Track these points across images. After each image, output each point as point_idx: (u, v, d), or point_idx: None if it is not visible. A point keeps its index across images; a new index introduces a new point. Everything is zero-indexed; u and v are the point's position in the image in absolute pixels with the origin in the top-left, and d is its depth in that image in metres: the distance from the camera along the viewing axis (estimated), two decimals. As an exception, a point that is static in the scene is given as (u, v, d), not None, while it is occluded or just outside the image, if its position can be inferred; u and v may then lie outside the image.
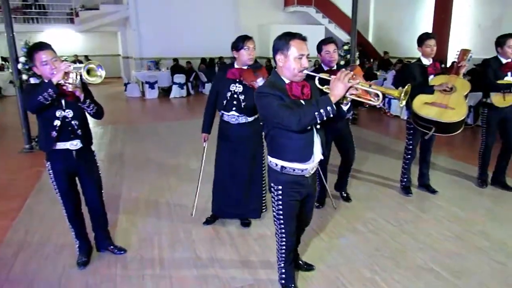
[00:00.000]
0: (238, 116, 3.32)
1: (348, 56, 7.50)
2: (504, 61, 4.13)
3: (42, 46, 2.57)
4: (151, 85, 12.00)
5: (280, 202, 2.34)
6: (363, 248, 3.24)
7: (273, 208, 2.41)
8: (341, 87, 2.00)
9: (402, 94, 2.01)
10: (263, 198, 3.67)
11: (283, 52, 2.15)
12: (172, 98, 12.03)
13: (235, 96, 3.27)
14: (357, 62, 4.26)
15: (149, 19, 13.47)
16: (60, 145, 2.67)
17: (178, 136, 7.09)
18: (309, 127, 2.17)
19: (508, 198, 4.28)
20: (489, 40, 11.80)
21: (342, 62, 7.11)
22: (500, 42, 4.14)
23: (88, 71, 2.51)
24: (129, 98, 12.12)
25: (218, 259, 3.08)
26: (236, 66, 3.31)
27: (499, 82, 4.11)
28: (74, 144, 2.71)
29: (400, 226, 3.64)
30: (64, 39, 15.60)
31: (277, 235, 2.48)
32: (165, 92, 12.55)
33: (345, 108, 2.17)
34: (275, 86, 2.17)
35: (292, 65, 2.14)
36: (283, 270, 2.60)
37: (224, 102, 3.30)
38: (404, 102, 2.05)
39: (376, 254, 3.16)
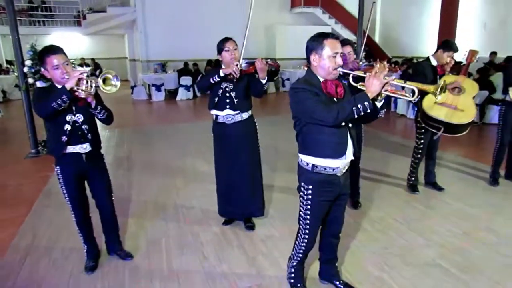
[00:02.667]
0: (233, 115, 3.32)
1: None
2: None
3: (54, 49, 2.57)
4: (158, 88, 12.04)
5: (310, 202, 2.32)
6: (371, 247, 3.24)
7: (301, 207, 2.40)
8: (377, 84, 2.03)
9: (438, 90, 2.02)
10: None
11: (317, 52, 2.18)
12: (178, 100, 12.08)
13: (227, 94, 3.28)
14: (364, 62, 4.26)
15: (156, 21, 13.51)
16: (70, 149, 2.69)
17: (184, 138, 7.12)
18: (343, 123, 2.18)
19: (516, 195, 4.26)
20: (495, 40, 11.81)
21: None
22: None
23: (104, 80, 2.54)
24: (135, 101, 12.19)
25: (226, 260, 3.10)
26: (223, 67, 3.33)
27: None
28: (84, 148, 2.72)
29: (407, 224, 3.63)
30: (71, 42, 15.67)
31: (299, 234, 2.46)
32: (171, 95, 12.61)
33: (379, 105, 2.18)
34: (310, 83, 2.21)
35: (327, 63, 2.17)
36: (293, 270, 2.60)
37: (216, 99, 3.31)
38: (439, 98, 2.05)
39: (384, 252, 3.15)
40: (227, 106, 3.31)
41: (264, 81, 3.27)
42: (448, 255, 3.09)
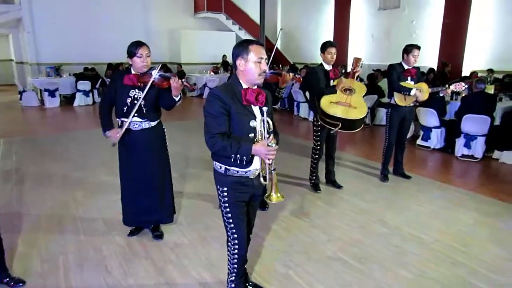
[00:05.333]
0: (141, 122, 3.21)
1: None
2: (406, 67, 4.69)
3: None
4: (51, 93, 11.06)
5: (227, 204, 2.32)
6: (277, 246, 3.36)
7: (222, 214, 2.36)
8: (262, 155, 2.16)
9: (280, 199, 2.22)
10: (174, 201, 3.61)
11: (243, 57, 2.22)
12: (76, 106, 11.24)
13: (136, 102, 3.15)
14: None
15: (46, 21, 12.44)
16: None
17: (84, 147, 6.63)
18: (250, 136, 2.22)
19: (403, 189, 4.77)
20: (381, 49, 13.15)
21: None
22: (407, 50, 4.66)
23: None
24: (25, 107, 11.02)
25: (132, 272, 2.95)
26: (133, 72, 3.21)
27: (401, 84, 4.64)
28: None
29: (310, 221, 3.84)
30: None
31: (229, 244, 2.42)
32: (68, 100, 11.68)
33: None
34: (231, 89, 2.23)
35: (253, 68, 2.21)
36: (233, 285, 2.51)
37: (125, 108, 3.16)
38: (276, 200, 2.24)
39: (289, 250, 3.29)
40: (135, 114, 3.17)
41: (177, 99, 3.22)
42: (347, 248, 3.34)
